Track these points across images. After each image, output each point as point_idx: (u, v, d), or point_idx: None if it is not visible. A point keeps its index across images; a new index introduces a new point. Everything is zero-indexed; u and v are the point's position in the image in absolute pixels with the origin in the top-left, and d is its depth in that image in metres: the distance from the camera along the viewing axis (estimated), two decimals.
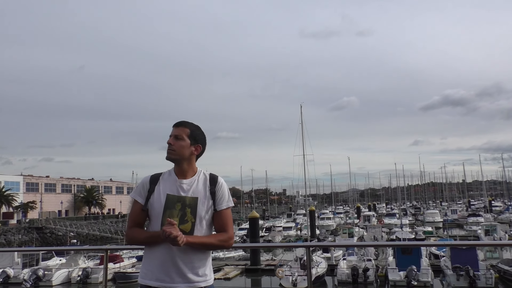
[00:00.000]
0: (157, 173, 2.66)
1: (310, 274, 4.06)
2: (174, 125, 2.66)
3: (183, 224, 2.47)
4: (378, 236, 37.66)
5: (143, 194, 2.59)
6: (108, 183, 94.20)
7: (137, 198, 2.59)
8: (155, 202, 2.53)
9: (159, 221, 2.49)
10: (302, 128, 42.35)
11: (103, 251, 4.82)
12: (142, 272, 2.53)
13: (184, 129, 2.63)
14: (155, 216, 2.53)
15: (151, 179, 2.62)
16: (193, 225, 2.49)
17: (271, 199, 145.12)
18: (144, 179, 2.65)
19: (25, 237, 52.07)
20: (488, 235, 35.80)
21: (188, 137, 2.62)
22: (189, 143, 2.61)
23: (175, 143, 2.58)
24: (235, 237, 21.46)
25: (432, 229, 47.55)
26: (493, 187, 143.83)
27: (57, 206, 76.09)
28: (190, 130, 2.65)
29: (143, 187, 2.60)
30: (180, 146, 2.58)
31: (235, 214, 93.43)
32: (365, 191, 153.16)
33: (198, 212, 2.51)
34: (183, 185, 2.56)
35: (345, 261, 25.60)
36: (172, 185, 2.57)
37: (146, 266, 2.51)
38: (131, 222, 2.61)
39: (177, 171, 2.62)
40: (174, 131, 2.63)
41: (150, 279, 2.46)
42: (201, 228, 2.52)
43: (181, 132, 2.61)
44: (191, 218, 2.49)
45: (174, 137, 2.60)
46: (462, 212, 71.82)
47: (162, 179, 2.61)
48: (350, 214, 77.30)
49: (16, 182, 70.86)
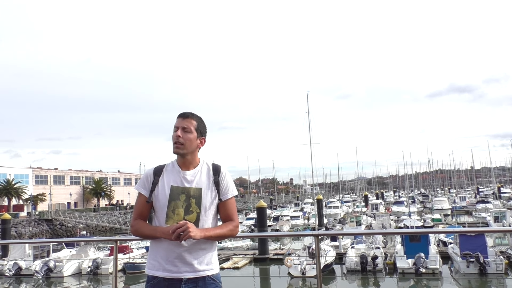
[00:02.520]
0: (161, 165, 2.66)
1: (319, 262, 4.03)
2: (181, 116, 2.60)
3: (188, 215, 2.50)
4: (386, 224, 37.65)
5: (147, 186, 2.59)
6: (116, 174, 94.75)
7: (141, 190, 2.60)
8: (159, 194, 2.54)
9: (164, 213, 2.51)
10: (309, 117, 42.23)
11: (112, 242, 4.82)
12: (150, 263, 2.54)
13: (191, 121, 2.60)
14: (160, 208, 2.53)
15: (155, 171, 2.61)
16: (198, 215, 2.51)
17: (278, 189, 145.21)
18: (147, 171, 2.64)
19: (35, 229, 52.61)
20: (497, 222, 35.64)
21: (196, 130, 2.60)
22: (196, 136, 2.60)
23: (184, 136, 2.55)
24: (243, 227, 21.85)
25: (440, 216, 47.43)
26: (502, 173, 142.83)
27: (66, 198, 76.75)
28: (197, 122, 2.62)
29: (147, 179, 2.60)
30: (188, 139, 2.56)
31: (243, 204, 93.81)
32: (372, 179, 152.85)
33: (203, 203, 2.52)
34: (186, 176, 2.56)
35: (354, 249, 25.64)
36: (176, 176, 2.57)
37: (153, 257, 2.53)
38: (136, 214, 2.62)
39: (180, 163, 2.61)
40: (181, 122, 2.58)
41: (157, 269, 2.49)
42: (206, 218, 2.54)
43: (189, 124, 2.58)
44: (196, 209, 2.51)
45: (182, 129, 2.56)
46: (470, 199, 71.44)
47: (165, 170, 2.61)
48: (358, 203, 77.27)
49: (26, 175, 71.43)
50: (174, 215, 2.49)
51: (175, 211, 2.50)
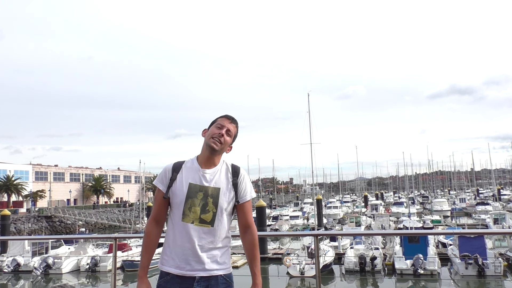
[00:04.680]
0: (180, 161, 2.65)
1: (318, 262, 4.01)
2: (229, 118, 2.65)
3: (204, 214, 2.50)
4: (386, 225, 37.62)
5: (165, 182, 2.58)
6: (116, 172, 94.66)
7: (159, 185, 2.59)
8: (177, 190, 2.53)
9: (181, 210, 2.51)
10: (309, 117, 42.16)
11: (111, 240, 4.82)
12: (163, 259, 2.54)
13: (235, 128, 2.65)
14: (176, 204, 2.53)
15: (174, 167, 2.60)
16: (214, 215, 2.51)
17: (278, 188, 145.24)
18: (166, 167, 2.63)
19: (34, 226, 52.62)
20: (497, 224, 35.63)
21: (233, 137, 2.65)
22: (231, 142, 2.64)
23: (225, 138, 2.58)
24: None
25: (440, 217, 47.40)
26: (502, 175, 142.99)
27: (66, 195, 76.73)
28: (237, 130, 2.67)
29: (166, 175, 2.59)
30: (226, 142, 2.59)
31: None
32: (372, 180, 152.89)
33: (220, 203, 2.53)
34: (206, 174, 2.56)
35: (353, 250, 25.63)
36: (195, 174, 2.56)
37: (167, 253, 2.53)
38: (154, 213, 2.63)
39: (202, 161, 2.60)
40: (229, 125, 2.61)
41: (171, 266, 2.49)
42: (222, 218, 2.55)
43: (233, 130, 2.63)
44: (212, 208, 2.51)
45: (227, 131, 2.59)
46: (470, 200, 71.37)
47: (184, 167, 2.60)
48: (358, 203, 77.26)
49: (25, 171, 71.39)
50: (190, 213, 2.49)
51: (191, 209, 2.49)
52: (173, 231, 2.52)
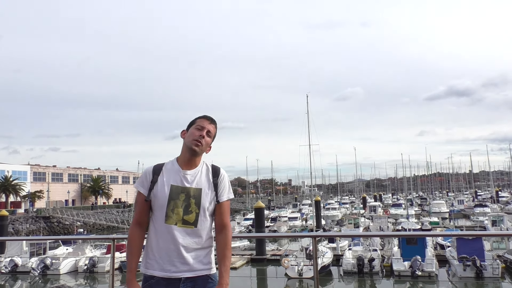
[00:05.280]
0: (160, 163, 2.66)
1: (316, 264, 4.02)
2: (208, 119, 2.65)
3: (187, 215, 2.51)
4: (384, 227, 37.61)
5: (146, 185, 2.58)
6: (114, 172, 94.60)
7: (140, 189, 2.59)
8: (159, 193, 2.53)
9: (164, 212, 2.51)
10: (308, 118, 42.23)
11: (110, 240, 4.83)
12: (146, 262, 2.54)
13: (215, 128, 2.66)
14: (159, 207, 2.53)
15: (154, 170, 2.60)
16: (197, 215, 2.52)
17: (277, 189, 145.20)
18: (146, 170, 2.64)
19: (32, 226, 52.53)
20: (495, 226, 35.66)
21: (213, 137, 2.66)
22: (210, 143, 2.66)
23: (206, 139, 2.59)
24: (241, 227, 21.76)
25: (438, 219, 47.40)
26: (500, 177, 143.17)
27: (64, 195, 76.61)
28: (216, 131, 2.69)
29: (146, 177, 2.60)
30: (207, 143, 2.61)
31: (241, 204, 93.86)
32: (371, 181, 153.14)
33: (202, 203, 2.54)
34: (187, 176, 2.57)
35: (351, 251, 25.63)
36: (176, 175, 2.57)
37: (150, 257, 2.53)
38: (136, 215, 2.62)
39: (182, 162, 2.61)
40: (209, 126, 2.62)
41: (155, 269, 2.49)
42: (205, 219, 2.56)
43: (212, 130, 2.64)
44: (195, 209, 2.52)
45: (208, 132, 2.60)
46: (468, 202, 71.44)
47: (165, 169, 2.60)
48: (356, 205, 77.26)
49: (24, 172, 71.31)
50: (173, 215, 2.49)
51: (174, 211, 2.50)
52: (156, 233, 2.52)
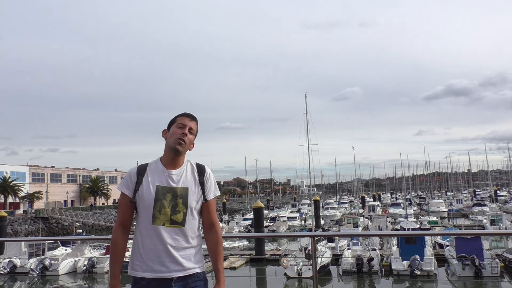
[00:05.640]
0: (144, 164, 2.62)
1: (315, 263, 4.02)
2: (188, 116, 2.62)
3: (174, 214, 2.48)
4: (383, 226, 37.66)
5: (131, 186, 2.53)
6: (113, 173, 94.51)
7: (124, 190, 2.54)
8: (144, 194, 2.49)
9: (150, 213, 2.47)
10: (307, 118, 42.23)
11: (109, 241, 4.81)
12: (134, 264, 2.51)
13: (196, 125, 2.63)
14: (145, 208, 2.49)
15: (138, 170, 2.56)
16: (184, 215, 2.50)
17: (276, 189, 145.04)
18: (130, 171, 2.59)
19: (31, 227, 52.45)
20: (494, 225, 35.71)
21: (195, 134, 2.63)
22: (193, 140, 2.63)
23: (189, 137, 2.57)
24: (239, 227, 21.78)
25: (437, 218, 47.49)
26: (499, 176, 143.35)
27: (63, 196, 76.52)
28: (197, 127, 2.66)
29: (130, 179, 2.55)
30: (190, 140, 2.58)
31: (240, 204, 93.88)
32: (369, 181, 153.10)
33: (189, 202, 2.52)
34: (172, 175, 2.54)
35: (350, 251, 25.65)
36: (161, 175, 2.54)
37: (138, 258, 2.49)
38: (120, 218, 2.58)
39: (166, 162, 2.57)
40: (190, 123, 2.59)
41: (145, 270, 2.46)
42: (193, 218, 2.53)
43: (194, 127, 2.61)
44: (182, 209, 2.50)
45: (190, 130, 2.58)
46: (467, 201, 71.59)
47: (149, 169, 2.57)
48: (355, 204, 77.27)
49: (22, 173, 71.20)
50: (160, 215, 2.46)
51: (161, 211, 2.46)
52: (142, 235, 2.49)
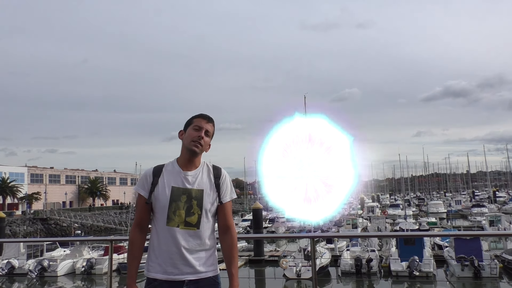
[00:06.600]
0: (160, 165, 2.63)
1: (314, 264, 4.01)
2: (205, 118, 2.62)
3: (189, 216, 2.49)
4: (382, 227, 37.68)
5: (147, 187, 2.55)
6: (112, 174, 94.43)
7: (140, 191, 2.56)
8: (160, 195, 2.51)
9: (165, 214, 2.49)
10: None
11: (107, 242, 4.84)
12: (149, 265, 2.51)
13: (212, 127, 2.63)
14: (160, 209, 2.51)
15: (154, 171, 2.58)
16: (199, 217, 2.50)
17: None
18: (147, 172, 2.61)
19: (30, 228, 52.35)
20: (493, 226, 35.76)
21: (211, 136, 2.64)
22: (209, 141, 2.63)
23: (204, 139, 2.57)
24: (239, 228, 21.80)
25: (436, 219, 47.53)
26: (498, 177, 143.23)
27: (62, 197, 76.41)
28: (214, 129, 2.66)
29: (146, 179, 2.57)
30: (206, 142, 2.59)
31: (239, 205, 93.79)
32: (368, 182, 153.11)
33: (204, 204, 2.52)
34: (188, 177, 2.54)
35: (349, 252, 25.64)
36: (176, 177, 2.54)
37: (152, 259, 2.50)
38: (137, 219, 2.60)
39: (182, 163, 2.58)
40: (206, 124, 2.59)
41: (158, 272, 2.47)
42: (207, 220, 2.54)
43: (211, 129, 2.61)
44: (197, 211, 2.50)
45: (206, 132, 2.58)
46: (466, 202, 71.62)
47: (165, 170, 2.58)
48: (354, 205, 77.29)
49: (21, 173, 71.05)
50: (175, 217, 2.47)
51: (176, 213, 2.48)
52: (158, 236, 2.50)
